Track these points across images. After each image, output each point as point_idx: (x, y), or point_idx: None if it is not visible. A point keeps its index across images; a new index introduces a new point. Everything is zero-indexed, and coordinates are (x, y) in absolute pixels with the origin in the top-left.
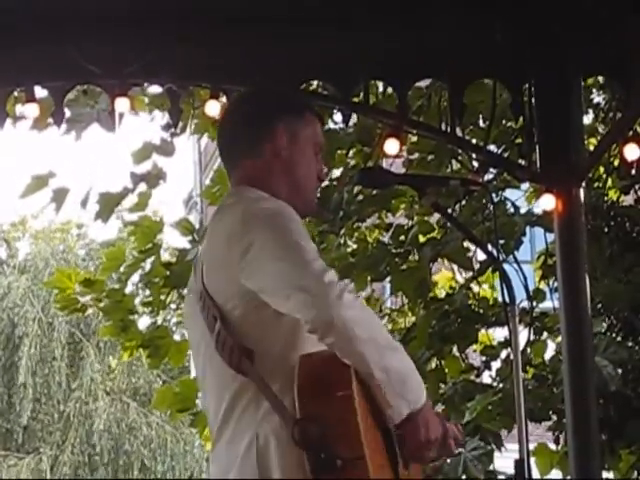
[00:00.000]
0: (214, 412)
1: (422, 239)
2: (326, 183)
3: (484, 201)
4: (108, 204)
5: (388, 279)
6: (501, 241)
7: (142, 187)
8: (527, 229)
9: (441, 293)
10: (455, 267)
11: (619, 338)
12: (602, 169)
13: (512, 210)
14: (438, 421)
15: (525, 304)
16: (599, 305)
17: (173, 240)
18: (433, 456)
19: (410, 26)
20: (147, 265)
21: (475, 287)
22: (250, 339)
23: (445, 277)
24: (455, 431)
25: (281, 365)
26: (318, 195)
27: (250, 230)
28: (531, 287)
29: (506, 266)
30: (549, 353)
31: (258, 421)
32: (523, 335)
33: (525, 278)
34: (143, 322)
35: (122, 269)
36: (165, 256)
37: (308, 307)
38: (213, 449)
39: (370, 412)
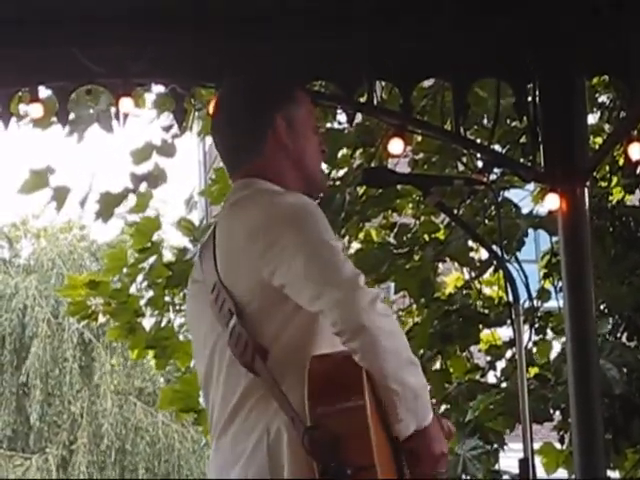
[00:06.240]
0: (220, 407)
1: (427, 238)
2: (329, 183)
3: (485, 201)
4: (109, 204)
5: (393, 279)
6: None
7: (144, 187)
8: (530, 230)
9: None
10: (465, 268)
11: (623, 339)
12: (607, 168)
13: (514, 211)
14: (443, 434)
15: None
16: (602, 306)
17: (175, 239)
18: (445, 468)
19: (414, 25)
20: (149, 265)
21: (481, 287)
22: (265, 335)
23: (455, 278)
24: (449, 425)
25: (294, 363)
26: (321, 195)
27: (275, 224)
28: (534, 287)
29: (510, 266)
30: (554, 353)
31: (269, 417)
32: (528, 335)
33: (526, 278)
34: (149, 323)
35: (125, 270)
36: (168, 256)
37: (340, 308)
38: (216, 444)
39: (380, 422)
